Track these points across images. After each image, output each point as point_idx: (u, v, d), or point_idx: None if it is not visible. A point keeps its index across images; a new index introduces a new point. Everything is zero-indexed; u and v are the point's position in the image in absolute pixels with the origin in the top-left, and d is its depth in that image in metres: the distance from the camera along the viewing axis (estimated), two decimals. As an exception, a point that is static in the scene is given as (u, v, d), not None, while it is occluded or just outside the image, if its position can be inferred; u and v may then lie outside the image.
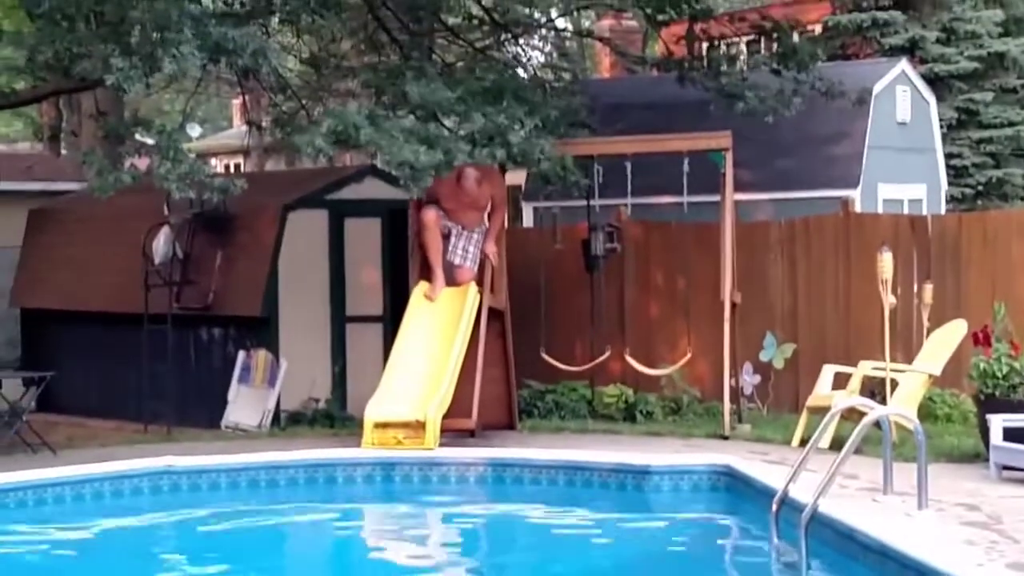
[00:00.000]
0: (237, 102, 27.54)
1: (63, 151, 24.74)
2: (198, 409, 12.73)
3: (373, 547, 9.26)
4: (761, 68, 14.14)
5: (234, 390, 12.75)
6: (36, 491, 9.38)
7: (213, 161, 29.55)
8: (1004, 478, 9.23)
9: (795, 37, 15.03)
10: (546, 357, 12.21)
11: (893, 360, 11.01)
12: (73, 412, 13.54)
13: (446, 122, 12.21)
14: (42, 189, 16.72)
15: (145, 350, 12.86)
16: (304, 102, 13.51)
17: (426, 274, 11.65)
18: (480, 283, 11.56)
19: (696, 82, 13.66)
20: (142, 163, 13.71)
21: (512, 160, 11.57)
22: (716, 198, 11.96)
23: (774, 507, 8.12)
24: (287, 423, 12.64)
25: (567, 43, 27.33)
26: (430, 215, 11.56)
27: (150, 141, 11.66)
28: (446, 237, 11.66)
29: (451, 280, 11.59)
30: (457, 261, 11.64)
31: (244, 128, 16.26)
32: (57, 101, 21.69)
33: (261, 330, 12.87)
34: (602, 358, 12.35)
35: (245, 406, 12.67)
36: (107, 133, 13.95)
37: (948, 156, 19.65)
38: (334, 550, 9.18)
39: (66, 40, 10.49)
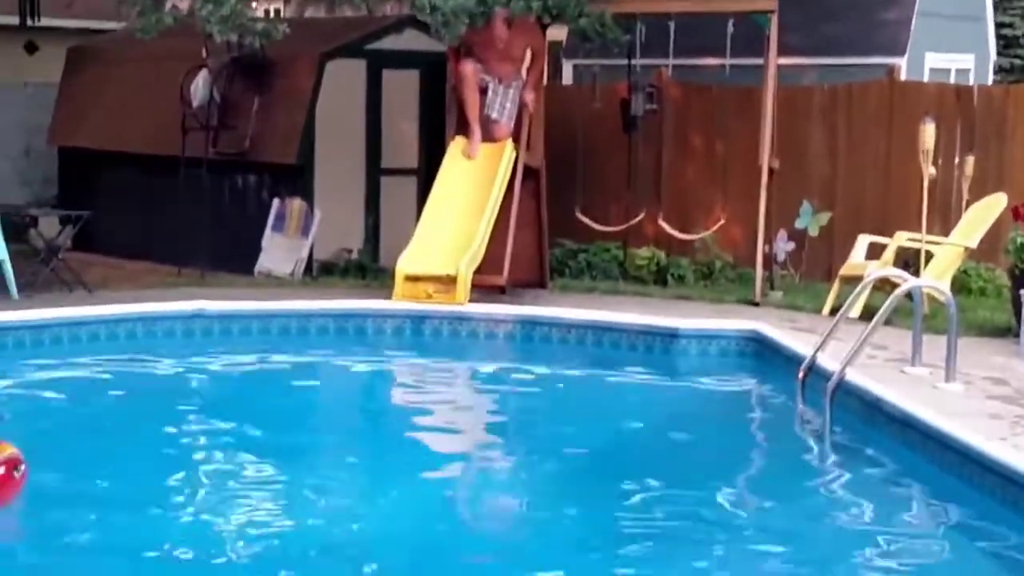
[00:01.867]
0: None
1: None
2: (232, 255, 12.80)
3: (399, 400, 9.38)
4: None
5: (268, 237, 12.80)
6: (71, 328, 9.51)
7: (254, 4, 29.21)
8: (1034, 354, 9.21)
9: None
10: (581, 217, 12.16)
11: (930, 232, 10.92)
12: (109, 252, 13.64)
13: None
14: (82, 27, 16.65)
15: (181, 194, 12.89)
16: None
17: (463, 130, 11.56)
18: (516, 140, 11.47)
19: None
20: (183, 5, 13.59)
21: (548, 12, 11.39)
22: (759, 61, 11.76)
23: (801, 374, 8.16)
24: (319, 272, 12.71)
25: None
26: (467, 68, 11.41)
27: (191, -19, 11.52)
28: (483, 91, 11.52)
29: (488, 135, 11.50)
30: (494, 116, 11.51)
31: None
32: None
33: (296, 179, 12.87)
34: (635, 220, 12.30)
35: (278, 254, 12.72)
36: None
37: (998, 25, 19.23)
38: (360, 401, 9.31)
39: None
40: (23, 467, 6.01)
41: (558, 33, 15.09)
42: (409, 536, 6.08)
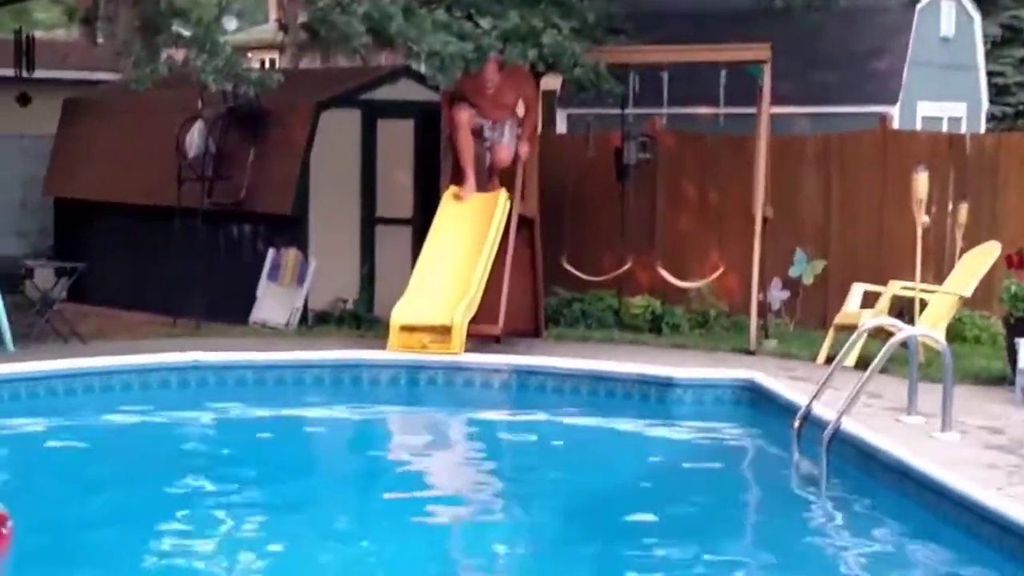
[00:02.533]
0: (273, -4, 27.25)
1: (99, 39, 24.64)
2: (227, 305, 12.79)
3: (393, 450, 9.35)
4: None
5: (263, 287, 12.81)
6: (65, 380, 9.49)
7: (249, 55, 29.36)
8: (1029, 403, 9.20)
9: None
10: (567, 266, 12.18)
11: (924, 280, 10.94)
12: (104, 303, 13.63)
13: (481, 21, 12.08)
14: (78, 78, 16.71)
15: (176, 244, 12.91)
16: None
17: (457, 178, 11.60)
18: (511, 189, 11.51)
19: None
20: (179, 55, 13.64)
21: (543, 61, 11.46)
22: (752, 110, 11.82)
23: (796, 423, 8.14)
24: (314, 322, 12.71)
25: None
26: (463, 113, 11.48)
27: (186, 33, 11.58)
28: (478, 134, 11.58)
29: (484, 181, 11.53)
30: (495, 138, 11.55)
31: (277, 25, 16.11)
32: (93, -11, 21.54)
33: (291, 228, 12.89)
34: (622, 269, 12.31)
35: (273, 304, 12.72)
36: (144, 22, 13.86)
37: (990, 74, 19.35)
38: (356, 452, 9.28)
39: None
40: (9, 524, 5.93)
41: (552, 82, 15.18)
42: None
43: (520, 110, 11.85)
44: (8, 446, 8.54)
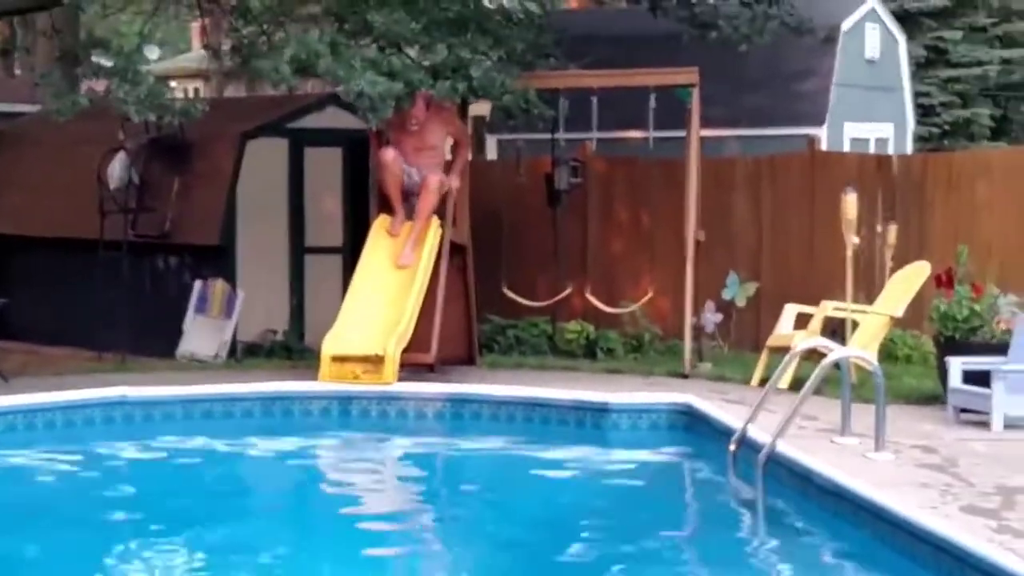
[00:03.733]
0: (196, 25, 27.08)
1: (17, 71, 24.29)
2: (153, 338, 12.58)
3: (328, 482, 9.20)
4: (731, 0, 14.00)
5: (190, 319, 12.60)
6: (-13, 419, 9.24)
7: (172, 84, 29.08)
8: (962, 421, 9.23)
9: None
10: (508, 292, 12.12)
11: (855, 301, 10.97)
12: (26, 339, 13.35)
13: (409, 52, 12.01)
14: (-5, 111, 16.45)
15: (100, 277, 12.67)
16: (265, 27, 13.23)
17: (386, 208, 11.50)
18: (442, 216, 11.42)
19: (668, 12, 13.51)
20: (99, 86, 13.44)
21: (473, 94, 11.44)
22: (682, 134, 11.84)
23: (732, 446, 8.12)
24: (243, 354, 12.51)
25: (535, -27, 26.92)
26: (388, 155, 11.39)
27: (107, 63, 11.40)
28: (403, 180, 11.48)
29: (412, 213, 11.47)
30: (422, 175, 11.35)
31: (203, 52, 15.97)
32: (11, 18, 21.23)
33: (218, 259, 12.70)
34: (563, 295, 12.28)
35: (201, 336, 12.52)
36: (63, 53, 13.65)
37: (916, 95, 19.59)
38: (288, 484, 9.11)
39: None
40: None
41: (482, 108, 15.13)
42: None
43: (448, 145, 11.80)
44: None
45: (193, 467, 9.04)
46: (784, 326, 11.21)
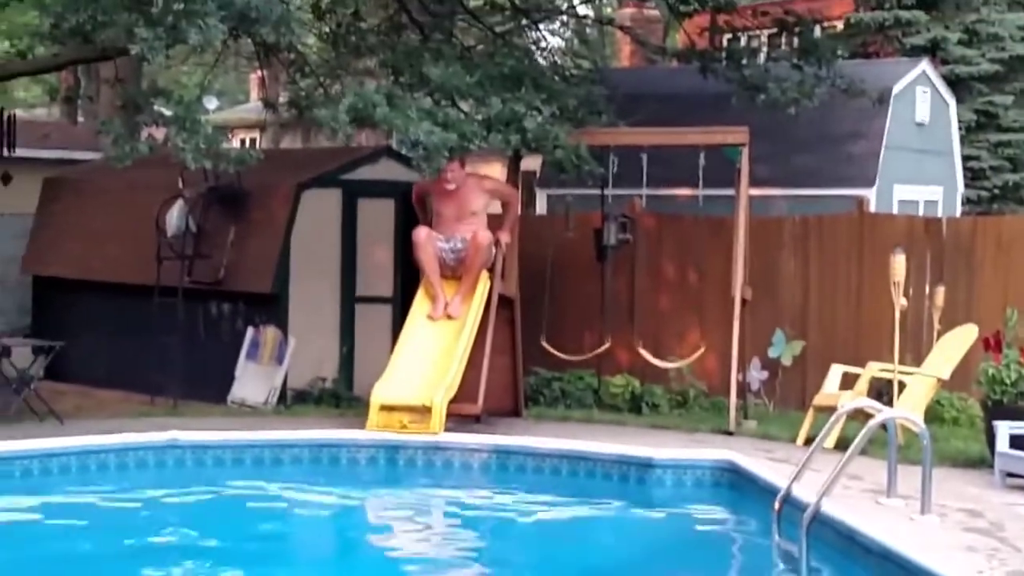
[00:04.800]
0: (255, 76, 27.52)
1: (80, 118, 24.76)
2: (205, 383, 12.75)
3: (373, 530, 9.27)
4: (782, 63, 14.10)
5: (241, 366, 12.77)
6: (42, 460, 9.40)
7: (230, 134, 29.53)
8: (1008, 485, 9.21)
9: (817, 32, 14.99)
10: (546, 346, 12.20)
11: (902, 362, 10.98)
12: (81, 381, 13.56)
13: (463, 105, 12.18)
14: (58, 157, 16.77)
15: (155, 323, 12.87)
16: (322, 80, 13.48)
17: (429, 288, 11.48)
18: (491, 270, 11.54)
19: (718, 73, 13.63)
20: (159, 134, 13.72)
21: (526, 146, 11.55)
22: (731, 192, 11.92)
23: (777, 505, 8.10)
24: (293, 401, 12.66)
25: (587, 30, 27.25)
26: (420, 234, 11.36)
27: (167, 112, 11.66)
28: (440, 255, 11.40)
29: (454, 270, 11.44)
30: (465, 243, 11.33)
31: (261, 103, 16.27)
32: (75, 67, 21.69)
33: (271, 307, 12.88)
34: (601, 349, 12.34)
35: (252, 382, 12.68)
36: (125, 101, 13.95)
37: (965, 158, 19.57)
38: (334, 532, 9.20)
39: (91, 8, 10.48)
40: None
41: (532, 163, 15.29)
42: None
43: (486, 204, 11.74)
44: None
45: (241, 512, 9.15)
46: (830, 386, 11.22)
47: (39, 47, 14.30)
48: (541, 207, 16.86)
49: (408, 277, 12.75)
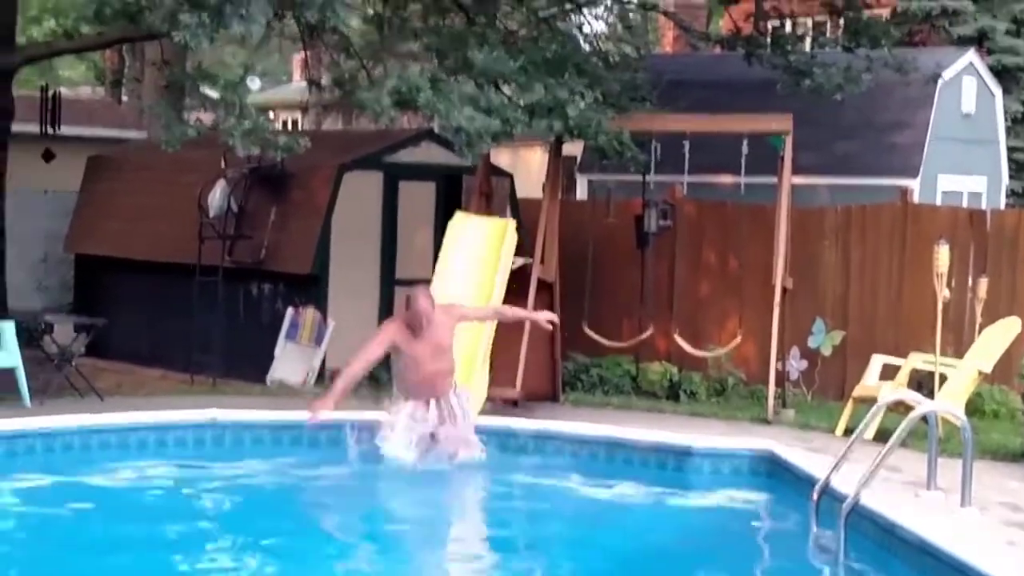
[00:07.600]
0: (298, 56, 27.58)
1: (124, 98, 24.90)
2: (244, 363, 12.82)
3: (411, 509, 9.30)
4: (830, 47, 14.01)
5: (281, 346, 12.82)
6: (82, 436, 9.47)
7: (271, 114, 29.63)
8: (1049, 480, 9.14)
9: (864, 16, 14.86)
10: (588, 331, 12.18)
11: (943, 354, 10.90)
12: (122, 358, 13.67)
13: (506, 90, 12.17)
14: (102, 136, 16.88)
15: (196, 301, 12.95)
16: (365, 62, 13.50)
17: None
18: (532, 254, 11.53)
19: (763, 59, 13.55)
20: (205, 116, 13.80)
21: (569, 133, 11.53)
22: (773, 180, 11.86)
23: (815, 496, 8.07)
24: (331, 382, 12.67)
25: (631, 16, 27.11)
26: (390, 328, 9.33)
27: (212, 94, 11.71)
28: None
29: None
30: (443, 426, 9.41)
31: (304, 84, 16.29)
32: (120, 47, 21.80)
33: (311, 288, 12.93)
34: (644, 335, 12.31)
35: (291, 363, 12.73)
36: (170, 83, 14.04)
37: (1011, 150, 19.37)
38: (371, 510, 9.23)
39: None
40: None
41: (573, 148, 15.26)
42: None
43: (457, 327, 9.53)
44: (23, 502, 8.51)
45: (279, 490, 9.19)
46: (870, 377, 11.16)
47: (84, 26, 14.39)
48: (582, 192, 16.83)
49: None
